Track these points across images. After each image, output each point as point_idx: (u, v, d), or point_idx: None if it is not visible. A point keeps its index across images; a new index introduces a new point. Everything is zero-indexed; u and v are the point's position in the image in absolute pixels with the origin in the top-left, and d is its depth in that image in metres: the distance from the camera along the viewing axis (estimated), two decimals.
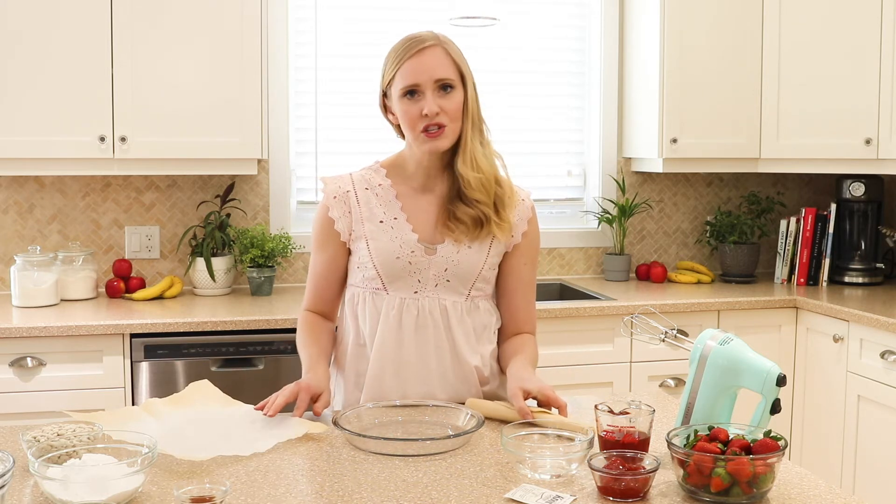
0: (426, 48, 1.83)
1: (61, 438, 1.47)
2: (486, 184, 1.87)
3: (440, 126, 1.82)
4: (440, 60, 1.83)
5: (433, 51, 1.83)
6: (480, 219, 1.88)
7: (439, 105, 1.82)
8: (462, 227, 1.88)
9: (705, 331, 1.57)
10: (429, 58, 1.82)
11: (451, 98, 1.83)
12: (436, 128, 1.82)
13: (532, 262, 1.99)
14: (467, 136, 1.86)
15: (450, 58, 1.84)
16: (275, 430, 1.68)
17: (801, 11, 3.52)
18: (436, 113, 1.81)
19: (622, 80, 3.87)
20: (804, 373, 3.37)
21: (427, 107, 1.81)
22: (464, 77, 1.86)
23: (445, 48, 1.85)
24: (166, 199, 3.49)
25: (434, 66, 1.82)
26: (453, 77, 1.84)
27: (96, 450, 1.44)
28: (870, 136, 3.39)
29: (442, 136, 1.83)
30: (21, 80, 3.02)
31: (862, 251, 3.74)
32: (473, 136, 1.87)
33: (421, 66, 1.82)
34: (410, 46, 1.83)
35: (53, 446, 1.44)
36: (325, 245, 1.95)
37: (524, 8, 3.80)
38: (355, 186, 1.93)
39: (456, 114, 1.84)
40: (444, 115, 1.82)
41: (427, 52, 1.82)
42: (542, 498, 1.38)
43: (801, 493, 1.41)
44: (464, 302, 1.91)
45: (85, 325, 2.84)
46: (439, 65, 1.82)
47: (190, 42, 3.13)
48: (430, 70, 1.82)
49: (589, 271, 3.91)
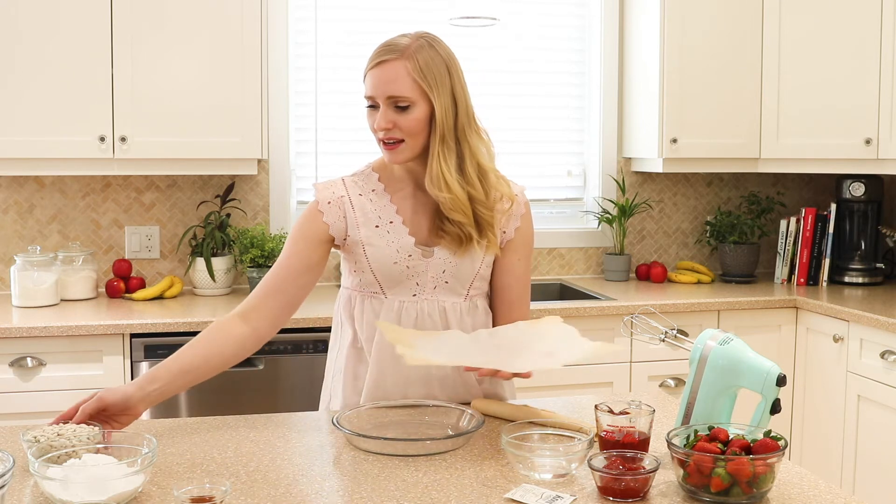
0: (385, 62, 1.77)
1: (61, 438, 1.47)
2: (460, 206, 1.80)
3: (398, 140, 1.79)
4: (396, 76, 1.76)
5: (392, 65, 1.77)
6: (461, 237, 1.84)
7: (392, 120, 1.77)
8: (448, 238, 1.85)
9: (705, 331, 1.57)
10: (385, 73, 1.77)
11: (406, 115, 1.77)
12: (392, 141, 1.80)
13: (526, 258, 1.97)
14: (435, 156, 1.79)
15: (410, 76, 1.75)
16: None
17: (801, 11, 3.52)
18: (386, 129, 1.78)
19: (622, 80, 3.87)
20: (804, 373, 3.37)
21: (378, 121, 1.78)
22: (430, 93, 1.77)
23: (408, 63, 1.76)
24: (166, 199, 3.49)
25: (388, 81, 1.76)
26: (409, 95, 1.76)
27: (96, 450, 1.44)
28: (870, 136, 3.39)
29: (398, 150, 1.80)
30: (21, 80, 3.02)
31: (862, 251, 3.74)
32: (442, 154, 1.79)
33: (376, 80, 1.78)
34: (375, 55, 1.80)
35: (53, 446, 1.44)
36: (301, 238, 1.87)
37: (524, 8, 3.80)
38: (349, 192, 1.89)
39: (412, 131, 1.78)
40: (398, 130, 1.78)
41: (385, 66, 1.77)
42: (542, 498, 1.38)
43: (801, 493, 1.41)
44: (462, 302, 1.91)
45: (85, 325, 2.84)
46: (394, 81, 1.76)
47: (190, 42, 3.13)
48: (384, 85, 1.77)
49: (589, 271, 3.91)
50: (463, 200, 1.80)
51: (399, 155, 1.81)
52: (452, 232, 1.84)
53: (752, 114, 3.61)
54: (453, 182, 1.79)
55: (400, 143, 1.79)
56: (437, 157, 1.79)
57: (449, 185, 1.79)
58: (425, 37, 1.82)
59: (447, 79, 1.79)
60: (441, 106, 1.78)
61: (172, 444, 1.63)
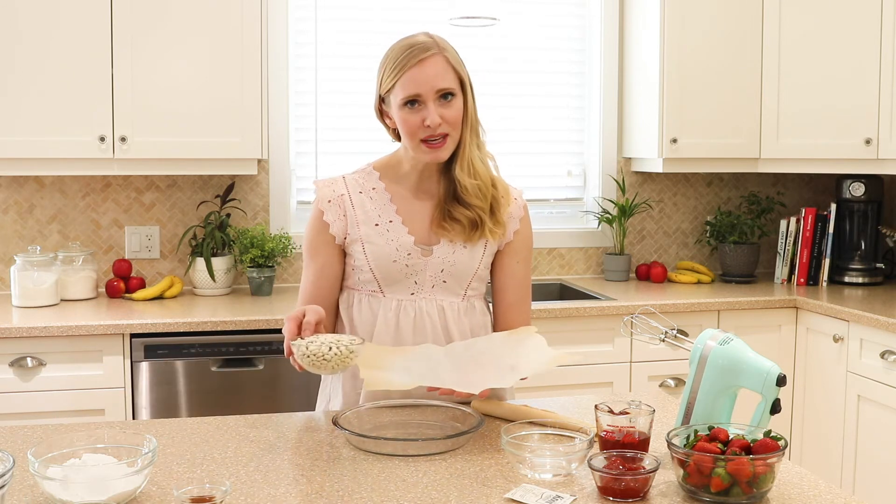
0: (428, 58, 1.79)
1: (336, 346, 1.60)
2: (483, 189, 1.86)
3: (444, 136, 1.81)
4: (441, 69, 1.80)
5: (435, 60, 1.80)
6: (476, 221, 1.87)
7: (441, 115, 1.80)
8: (458, 226, 1.87)
9: (705, 331, 1.57)
10: (430, 67, 1.79)
11: (451, 106, 1.81)
12: (439, 138, 1.81)
13: (525, 261, 1.98)
14: (466, 143, 1.85)
15: (450, 66, 1.81)
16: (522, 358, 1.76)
17: (801, 11, 3.52)
18: (438, 124, 1.79)
19: (622, 80, 3.87)
20: (804, 373, 3.37)
21: (430, 118, 1.79)
22: (463, 83, 1.84)
23: (446, 56, 1.81)
24: (166, 199, 3.49)
25: (435, 75, 1.79)
26: (454, 86, 1.81)
27: (96, 450, 1.44)
28: (870, 136, 3.39)
29: (444, 147, 1.82)
30: (21, 80, 3.02)
31: (862, 251, 3.74)
32: (472, 142, 1.86)
33: (423, 76, 1.79)
34: (411, 55, 1.80)
35: (329, 356, 1.59)
36: (318, 251, 1.91)
37: (524, 8, 3.80)
38: (349, 189, 1.90)
39: (457, 122, 1.82)
40: (446, 124, 1.80)
41: (429, 61, 1.79)
42: (542, 498, 1.38)
43: (801, 493, 1.41)
44: (460, 302, 1.91)
45: (85, 325, 2.84)
46: (441, 74, 1.80)
47: (190, 42, 3.13)
48: (432, 80, 1.79)
49: (589, 271, 3.91)
50: (488, 185, 1.88)
51: (446, 151, 1.84)
52: (467, 216, 1.87)
53: (752, 114, 3.61)
54: (481, 168, 1.87)
55: (445, 137, 1.82)
56: (468, 144, 1.86)
57: (478, 171, 1.87)
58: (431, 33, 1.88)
59: (467, 70, 1.87)
60: (471, 94, 1.86)
61: (172, 444, 1.63)
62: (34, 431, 1.71)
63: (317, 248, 1.91)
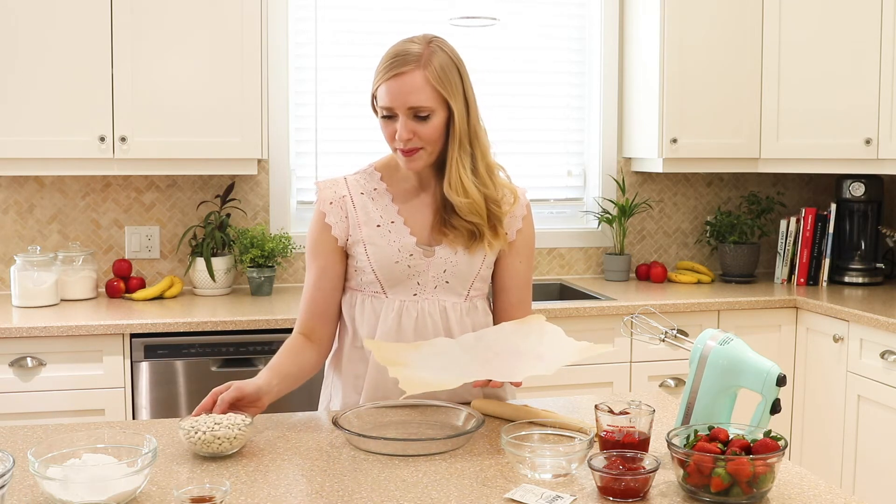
0: (405, 73, 1.75)
1: (221, 428, 1.55)
2: (476, 209, 1.82)
3: (417, 149, 1.79)
4: (417, 87, 1.74)
5: (411, 76, 1.75)
6: (475, 233, 1.86)
7: (413, 130, 1.77)
8: (457, 234, 1.86)
9: (705, 331, 1.57)
10: (404, 84, 1.75)
11: (426, 124, 1.77)
12: (411, 151, 1.79)
13: (527, 260, 1.98)
14: (453, 161, 1.81)
15: (429, 85, 1.75)
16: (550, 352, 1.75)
17: (801, 11, 3.52)
18: (406, 139, 1.77)
19: (622, 80, 3.87)
20: (804, 373, 3.37)
21: (399, 132, 1.77)
22: (448, 100, 1.78)
23: (426, 73, 1.75)
24: (166, 199, 3.49)
25: (409, 92, 1.75)
26: (430, 104, 1.76)
27: (96, 450, 1.44)
28: (870, 136, 3.39)
29: (416, 158, 1.80)
30: (21, 80, 3.02)
31: (862, 251, 3.74)
32: (461, 159, 1.81)
33: (395, 90, 1.75)
34: (391, 66, 1.76)
35: (217, 437, 1.54)
36: (320, 253, 1.90)
37: (524, 8, 3.80)
38: (350, 191, 1.90)
39: (431, 139, 1.78)
40: (418, 139, 1.78)
41: (405, 77, 1.75)
42: (542, 498, 1.38)
43: (801, 493, 1.41)
44: (463, 303, 1.91)
45: (85, 325, 2.84)
46: (414, 92, 1.74)
47: (190, 42, 3.13)
48: (405, 96, 1.75)
49: (589, 271, 3.91)
50: (480, 204, 1.83)
51: (418, 162, 1.81)
52: (463, 228, 1.85)
53: (752, 114, 3.61)
54: (471, 186, 1.82)
55: (419, 150, 1.79)
56: (456, 162, 1.81)
57: (468, 190, 1.82)
58: (434, 41, 1.81)
59: (460, 83, 1.80)
60: (458, 111, 1.79)
61: (172, 444, 1.63)
62: (34, 431, 1.71)
63: (319, 249, 1.91)
